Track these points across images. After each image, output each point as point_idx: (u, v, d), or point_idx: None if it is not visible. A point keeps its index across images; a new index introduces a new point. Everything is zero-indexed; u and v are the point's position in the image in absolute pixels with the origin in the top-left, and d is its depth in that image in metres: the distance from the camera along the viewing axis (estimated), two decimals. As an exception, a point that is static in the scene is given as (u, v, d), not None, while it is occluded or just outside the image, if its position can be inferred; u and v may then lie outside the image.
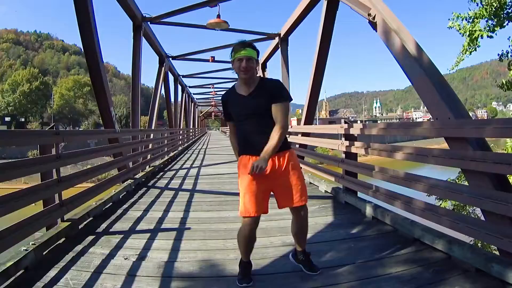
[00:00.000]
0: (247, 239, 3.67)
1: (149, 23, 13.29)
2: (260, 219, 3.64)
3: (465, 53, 9.90)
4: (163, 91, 19.80)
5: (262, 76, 4.02)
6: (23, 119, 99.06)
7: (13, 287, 3.58)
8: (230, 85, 34.88)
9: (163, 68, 18.40)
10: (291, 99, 3.78)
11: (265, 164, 3.35)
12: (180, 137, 24.95)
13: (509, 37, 9.96)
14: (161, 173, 12.37)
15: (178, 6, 12.77)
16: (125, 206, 7.16)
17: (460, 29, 9.71)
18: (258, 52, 3.66)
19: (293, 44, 14.99)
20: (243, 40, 3.64)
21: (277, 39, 15.08)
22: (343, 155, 7.31)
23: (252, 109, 3.62)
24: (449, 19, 9.95)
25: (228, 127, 3.96)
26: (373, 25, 6.31)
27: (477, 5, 9.57)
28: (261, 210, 3.59)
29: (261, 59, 19.13)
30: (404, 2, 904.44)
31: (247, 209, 3.54)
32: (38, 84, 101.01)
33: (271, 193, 3.77)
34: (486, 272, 3.49)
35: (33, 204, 4.65)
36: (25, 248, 4.09)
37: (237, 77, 3.68)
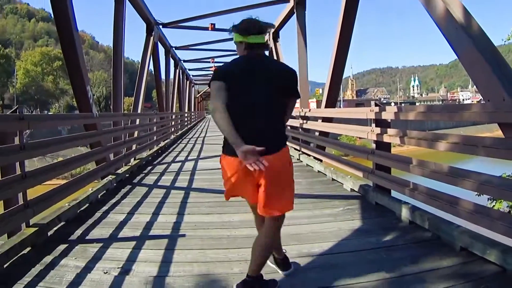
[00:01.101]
0: None
1: (134, -18, 13.26)
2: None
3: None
4: (151, 67, 19.82)
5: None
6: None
7: (-32, 306, 3.61)
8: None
9: (151, 38, 18.36)
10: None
11: None
12: (173, 123, 25.02)
13: None
14: (149, 167, 12.44)
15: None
16: (104, 208, 7.16)
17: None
18: (272, 27, 3.83)
19: (311, 7, 14.96)
20: (251, 17, 3.72)
21: (292, 2, 15.03)
22: (374, 145, 7.31)
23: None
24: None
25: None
26: (411, -16, 6.26)
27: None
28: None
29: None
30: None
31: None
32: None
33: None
34: (550, 289, 3.47)
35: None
36: (-19, 259, 4.11)
37: None
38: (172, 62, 29.91)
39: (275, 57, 19.74)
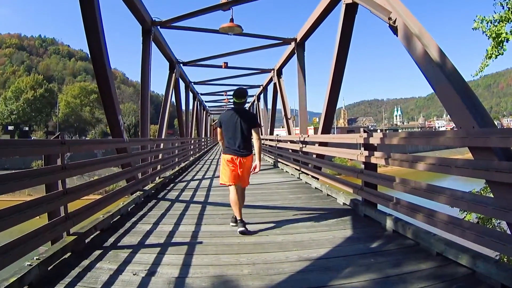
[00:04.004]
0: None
1: (159, 27, 13.28)
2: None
3: (490, 58, 9.83)
4: (173, 99, 19.84)
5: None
6: (27, 128, 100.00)
7: (17, 303, 3.62)
8: (243, 92, 35.11)
9: (173, 74, 18.38)
10: None
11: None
12: (192, 146, 25.05)
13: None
14: (172, 185, 12.44)
15: (189, 10, 12.76)
16: (133, 219, 7.19)
17: (485, 30, 9.66)
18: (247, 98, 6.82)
19: (310, 49, 14.94)
20: (240, 88, 6.82)
21: (293, 44, 15.05)
22: (362, 166, 7.31)
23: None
24: (474, 20, 9.90)
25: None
26: (394, 29, 6.30)
27: (503, 8, 9.53)
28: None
29: (276, 66, 19.24)
30: (426, 4, 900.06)
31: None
32: (42, 91, 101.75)
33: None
34: (513, 289, 3.47)
35: (38, 217, 4.70)
36: (29, 263, 4.12)
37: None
38: (191, 95, 29.89)
39: (278, 90, 19.83)
